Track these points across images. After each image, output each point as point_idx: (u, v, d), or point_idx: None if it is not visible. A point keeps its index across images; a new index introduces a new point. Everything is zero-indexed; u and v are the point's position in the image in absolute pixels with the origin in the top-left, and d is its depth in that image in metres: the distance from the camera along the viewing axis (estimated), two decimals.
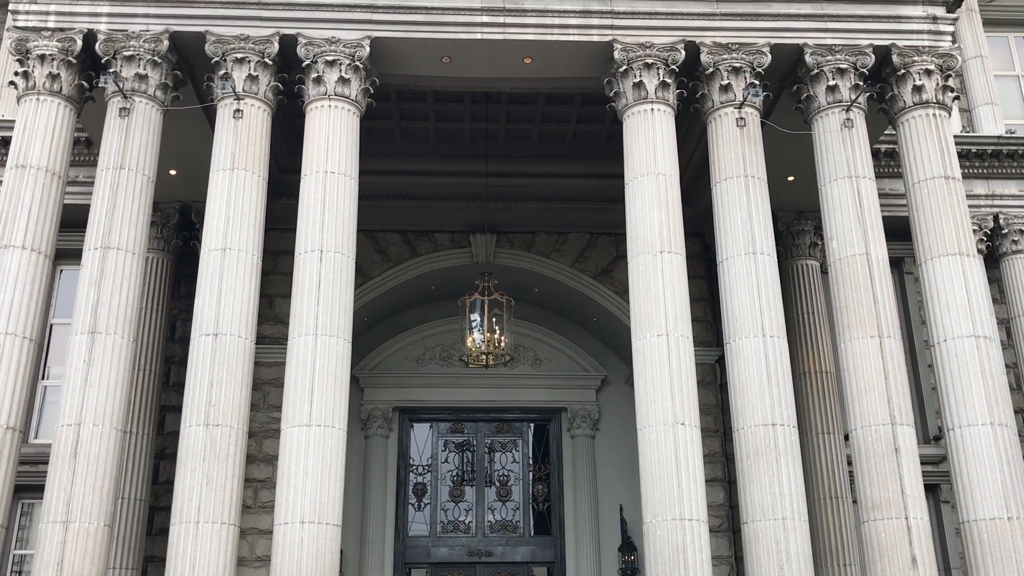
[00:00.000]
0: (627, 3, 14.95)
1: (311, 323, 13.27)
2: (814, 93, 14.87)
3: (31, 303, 13.32)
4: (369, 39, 14.62)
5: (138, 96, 14.12)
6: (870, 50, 14.82)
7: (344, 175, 14.13)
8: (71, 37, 14.19)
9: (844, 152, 14.45)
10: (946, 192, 14.27)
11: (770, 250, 14.06)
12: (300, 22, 14.62)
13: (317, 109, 14.43)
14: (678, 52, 14.75)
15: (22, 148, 13.86)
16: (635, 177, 14.42)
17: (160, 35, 14.31)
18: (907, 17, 14.99)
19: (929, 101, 14.65)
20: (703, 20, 14.93)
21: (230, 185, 13.79)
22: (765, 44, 14.81)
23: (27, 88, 14.17)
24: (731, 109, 14.63)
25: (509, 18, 14.89)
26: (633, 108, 14.75)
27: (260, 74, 14.36)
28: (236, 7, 14.55)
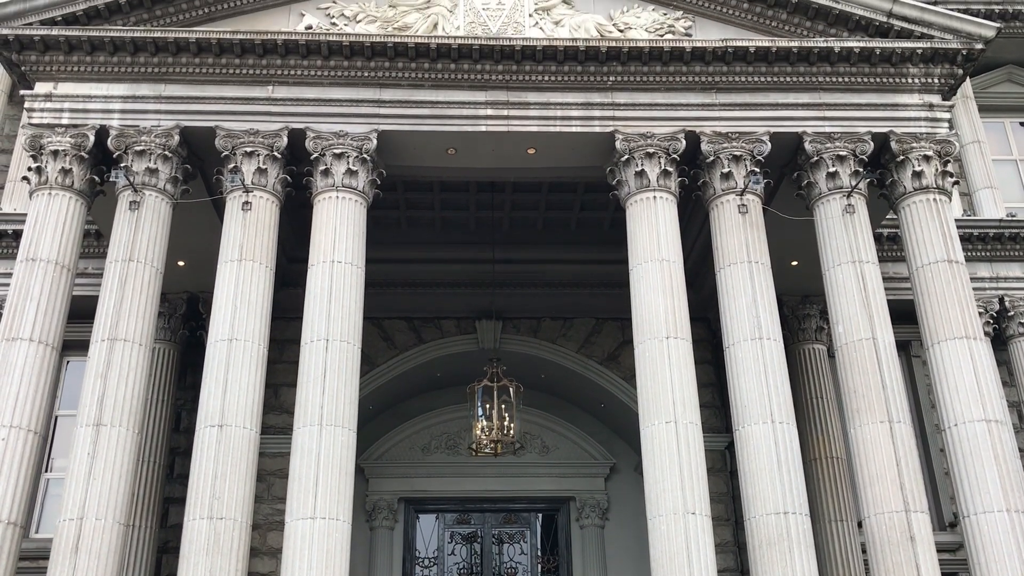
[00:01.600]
0: (627, 95, 15.27)
1: (316, 413, 13.21)
2: (815, 180, 15.06)
3: (37, 396, 13.30)
4: (376, 132, 14.92)
5: (148, 190, 14.35)
6: (869, 137, 15.06)
7: (351, 264, 14.25)
8: (84, 133, 14.50)
9: (847, 237, 14.55)
10: (950, 276, 14.31)
11: (776, 335, 14.04)
12: (309, 116, 14.94)
13: (325, 200, 14.64)
14: (679, 141, 15.00)
15: (33, 242, 14.03)
16: (639, 263, 14.51)
17: (171, 130, 14.62)
18: (904, 105, 15.27)
19: (929, 186, 14.81)
20: (702, 111, 15.23)
21: (238, 276, 13.90)
22: (764, 133, 15.06)
23: (39, 183, 14.41)
24: (733, 196, 14.80)
25: (512, 111, 15.20)
26: (636, 196, 14.93)
27: (269, 167, 14.62)
28: (246, 103, 14.90)
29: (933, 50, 15.14)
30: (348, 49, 14.88)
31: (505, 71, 15.16)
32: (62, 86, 14.78)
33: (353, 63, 15.00)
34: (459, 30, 15.50)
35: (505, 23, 15.63)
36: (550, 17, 15.78)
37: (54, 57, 14.75)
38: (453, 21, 15.60)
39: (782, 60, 15.17)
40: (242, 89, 14.95)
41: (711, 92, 15.31)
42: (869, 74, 15.28)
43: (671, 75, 15.27)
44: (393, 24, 15.49)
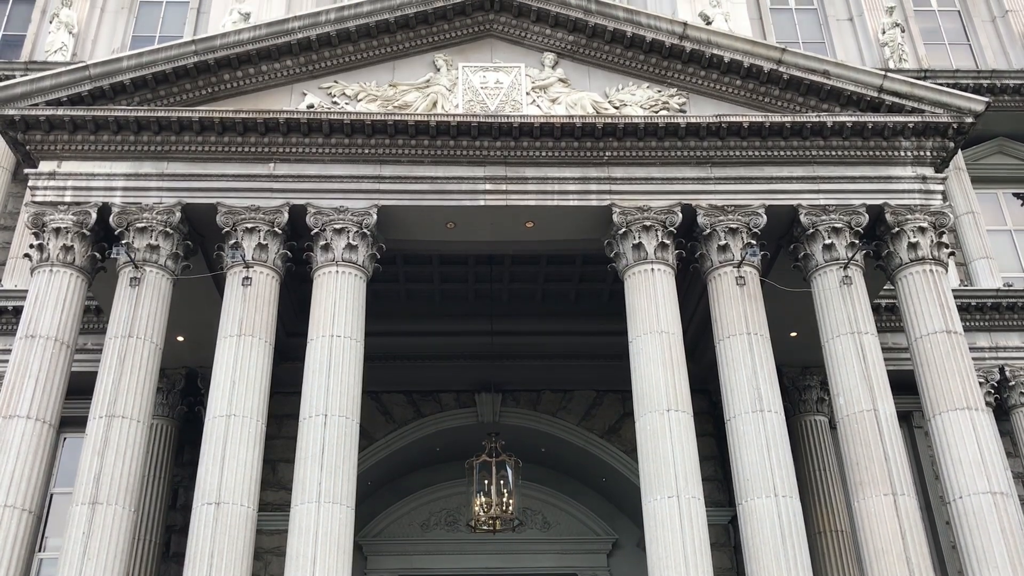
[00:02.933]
0: (624, 170, 15.47)
1: (314, 490, 13.07)
2: (811, 251, 15.17)
3: (33, 474, 13.18)
4: (376, 207, 15.07)
5: (149, 266, 14.43)
6: (863, 209, 15.21)
7: (350, 339, 14.25)
8: (86, 210, 14.64)
9: (845, 308, 14.59)
10: (949, 347, 14.31)
11: (777, 407, 13.98)
12: (309, 192, 15.10)
13: (325, 275, 14.71)
14: (675, 215, 15.14)
15: (33, 318, 14.06)
16: (639, 335, 14.52)
17: (173, 207, 14.76)
18: (897, 178, 15.46)
19: (925, 257, 14.91)
20: (698, 184, 15.41)
21: (237, 351, 13.89)
22: (760, 206, 15.21)
23: (41, 260, 14.50)
24: (730, 268, 14.89)
25: (511, 185, 15.38)
26: (634, 268, 15.01)
27: (269, 243, 14.72)
28: (248, 179, 15.08)
29: (924, 124, 15.39)
30: (349, 127, 15.12)
31: (503, 147, 15.38)
32: (66, 164, 14.97)
33: (354, 140, 15.23)
34: (458, 108, 15.77)
35: (503, 101, 15.91)
36: (547, 95, 16.07)
37: (59, 136, 14.97)
38: (452, 99, 15.89)
39: (776, 135, 15.41)
40: (244, 166, 15.14)
41: (706, 166, 15.51)
42: (862, 147, 15.50)
43: (666, 150, 15.49)
44: (393, 103, 15.77)
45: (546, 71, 16.28)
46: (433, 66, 16.22)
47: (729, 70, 15.87)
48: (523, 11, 16.34)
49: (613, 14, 16.14)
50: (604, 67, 16.40)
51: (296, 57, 15.76)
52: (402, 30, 16.14)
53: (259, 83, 15.77)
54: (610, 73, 16.38)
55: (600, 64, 16.40)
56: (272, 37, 15.50)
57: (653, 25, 16.01)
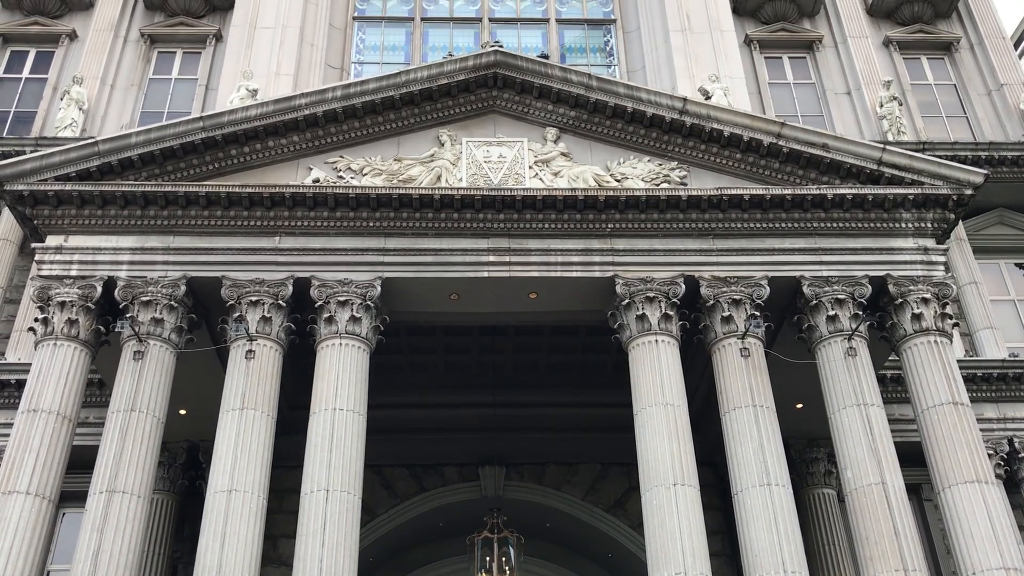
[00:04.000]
0: (626, 241, 15.56)
1: (315, 567, 12.86)
2: (815, 323, 15.16)
3: (30, 552, 12.98)
4: (380, 280, 15.13)
5: (153, 339, 14.44)
6: (866, 280, 15.24)
7: (353, 412, 14.18)
8: (92, 284, 14.71)
9: (850, 380, 14.52)
10: (956, 418, 14.20)
11: (784, 481, 13.82)
12: (314, 265, 15.19)
13: (328, 347, 14.70)
14: (678, 286, 15.18)
15: (35, 393, 14.02)
16: (643, 408, 14.43)
17: (178, 280, 14.83)
18: (899, 249, 15.53)
19: (929, 328, 14.89)
20: (700, 256, 15.48)
21: (239, 425, 13.82)
22: (763, 277, 15.26)
23: (45, 333, 14.51)
24: (734, 340, 14.87)
25: (514, 257, 15.47)
26: (637, 340, 15.00)
27: (273, 316, 14.75)
28: (253, 253, 15.18)
29: (924, 196, 15.52)
30: (354, 200, 15.27)
31: (507, 219, 15.51)
32: (72, 239, 15.09)
33: (359, 214, 15.37)
34: (462, 181, 15.94)
35: (506, 175, 16.10)
36: (549, 168, 16.26)
37: (66, 211, 15.13)
38: (456, 173, 16.07)
39: (776, 207, 15.54)
40: (249, 240, 15.26)
41: (708, 238, 15.60)
42: (863, 219, 15.61)
43: (668, 222, 15.61)
44: (398, 177, 15.95)
45: (548, 145, 16.50)
46: (437, 141, 16.46)
47: (729, 144, 16.08)
48: (526, 88, 16.63)
49: (614, 90, 16.43)
50: (606, 141, 16.63)
51: (303, 133, 16.00)
52: (407, 106, 16.42)
53: (265, 158, 15.99)
54: (612, 147, 16.60)
55: (602, 138, 16.63)
56: (279, 114, 15.76)
57: (653, 101, 16.28)
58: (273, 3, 22.85)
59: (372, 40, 24.63)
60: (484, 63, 16.52)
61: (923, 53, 24.23)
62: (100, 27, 23.03)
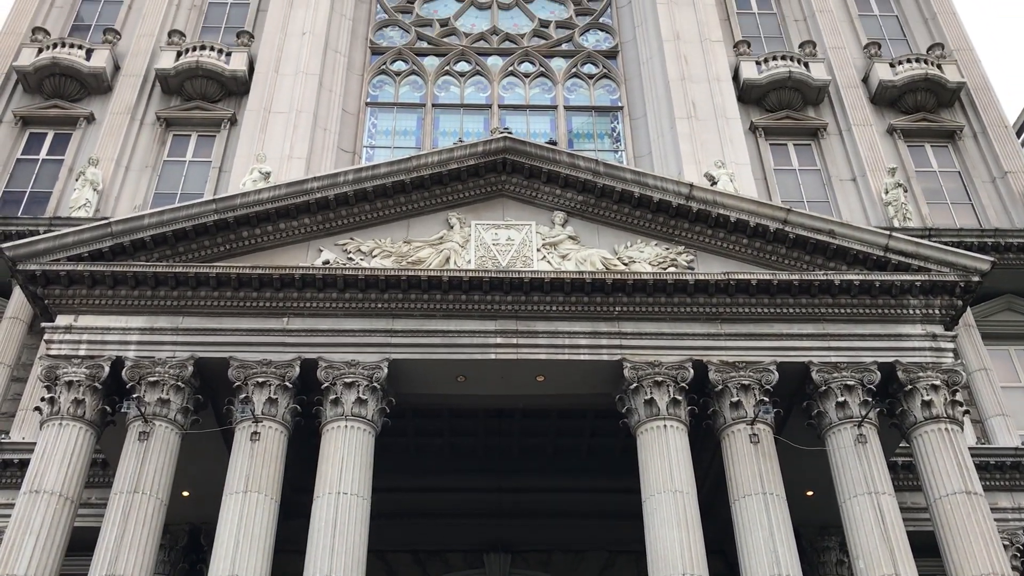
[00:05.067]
0: (634, 325, 15.57)
1: None
2: (824, 409, 15.04)
3: None
4: (387, 361, 15.12)
5: (158, 420, 14.38)
6: (875, 367, 15.17)
7: (357, 496, 14.02)
8: (100, 364, 14.72)
9: (860, 468, 14.34)
10: (970, 508, 13.96)
11: (795, 570, 13.54)
12: (321, 347, 15.20)
13: (333, 430, 14.61)
14: (686, 370, 15.12)
15: (38, 473, 13.91)
16: (652, 495, 14.24)
17: (185, 361, 14.84)
18: (907, 335, 15.49)
19: (940, 416, 14.75)
20: (709, 340, 15.46)
21: (242, 508, 13.65)
22: (771, 362, 15.20)
23: (51, 413, 14.47)
24: (743, 426, 14.75)
25: (522, 339, 15.47)
26: (646, 425, 14.89)
27: (279, 397, 14.71)
28: (261, 334, 15.22)
29: (931, 283, 15.55)
30: (363, 282, 15.37)
31: (514, 302, 15.56)
32: (82, 319, 15.17)
33: (367, 295, 15.45)
34: (470, 264, 16.05)
35: (514, 257, 16.21)
36: (557, 252, 16.38)
37: (77, 291, 15.24)
38: (464, 255, 16.20)
39: (784, 292, 15.57)
40: (258, 321, 15.32)
41: (716, 322, 15.61)
42: (871, 305, 15.61)
43: (676, 306, 15.64)
44: (407, 259, 16.07)
45: (556, 229, 16.66)
46: (447, 223, 16.63)
47: (736, 229, 16.20)
48: (534, 173, 16.88)
49: (621, 176, 16.65)
50: (613, 225, 16.79)
51: (314, 215, 16.19)
52: (417, 190, 16.64)
53: (276, 240, 16.15)
54: (619, 231, 16.75)
55: (609, 222, 16.79)
56: (291, 196, 15.98)
57: (660, 186, 16.48)
58: (288, 89, 23.37)
59: (384, 125, 25.10)
60: (494, 148, 16.80)
61: (927, 141, 24.55)
62: (117, 110, 23.53)
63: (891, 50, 26.21)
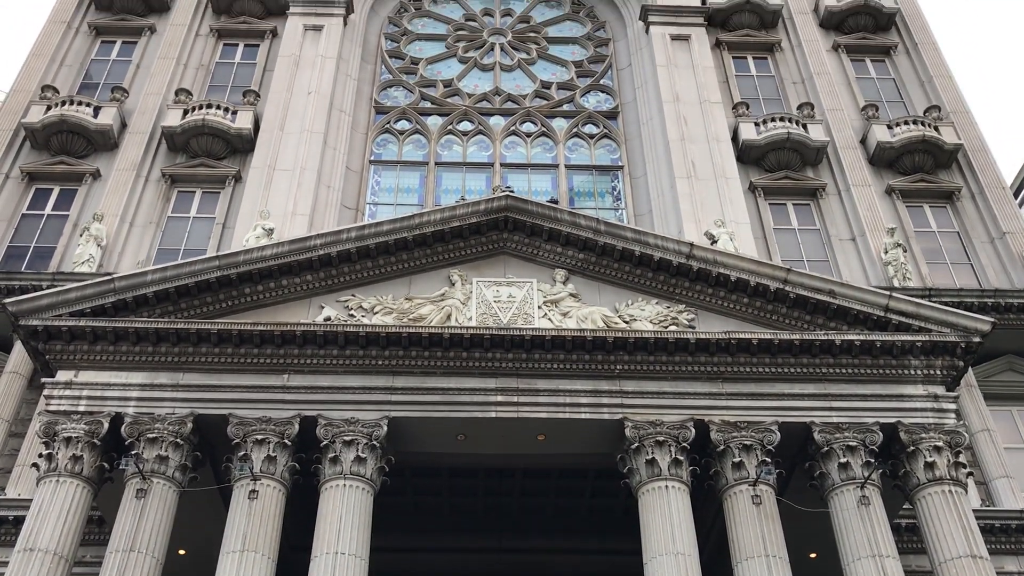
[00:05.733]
0: (635, 383, 15.55)
1: None
2: (827, 470, 14.95)
3: None
4: (387, 419, 15.07)
5: (157, 477, 14.29)
6: (877, 427, 15.11)
7: (354, 556, 13.86)
8: (99, 420, 14.66)
9: (864, 530, 14.20)
10: (975, 572, 13.80)
11: None
12: (321, 404, 15.16)
13: (332, 488, 14.50)
14: (688, 430, 15.06)
15: (33, 531, 13.77)
16: (653, 557, 14.08)
17: (185, 418, 14.79)
18: (909, 396, 15.46)
19: (943, 478, 14.65)
20: (710, 399, 15.43)
21: (239, 568, 13.50)
22: (773, 422, 15.15)
23: (49, 469, 14.37)
24: (745, 487, 14.64)
25: (523, 397, 15.44)
26: (647, 485, 14.78)
27: (278, 455, 14.63)
28: (261, 390, 15.19)
29: (932, 343, 15.56)
30: (364, 339, 15.38)
31: (515, 359, 15.56)
32: (83, 374, 15.15)
33: (368, 352, 15.45)
34: (471, 320, 16.09)
35: (515, 314, 16.25)
36: (558, 309, 16.42)
37: (79, 346, 15.25)
38: (466, 312, 16.24)
39: (785, 352, 15.58)
40: (258, 377, 15.30)
41: (718, 382, 15.59)
42: (872, 365, 15.61)
43: (677, 364, 15.64)
44: (408, 315, 16.11)
45: (557, 286, 16.72)
46: (448, 280, 16.71)
47: (736, 288, 16.27)
48: (535, 231, 17.00)
49: (622, 234, 16.77)
50: (614, 283, 16.86)
51: (316, 272, 16.27)
52: (420, 247, 16.76)
53: (278, 296, 16.21)
54: (620, 289, 16.82)
55: (610, 280, 16.87)
56: (294, 253, 16.08)
57: (660, 245, 16.59)
58: (293, 147, 23.65)
59: (387, 182, 25.34)
60: (495, 207, 16.95)
61: (925, 201, 24.74)
62: (123, 167, 23.77)
63: (888, 112, 26.54)
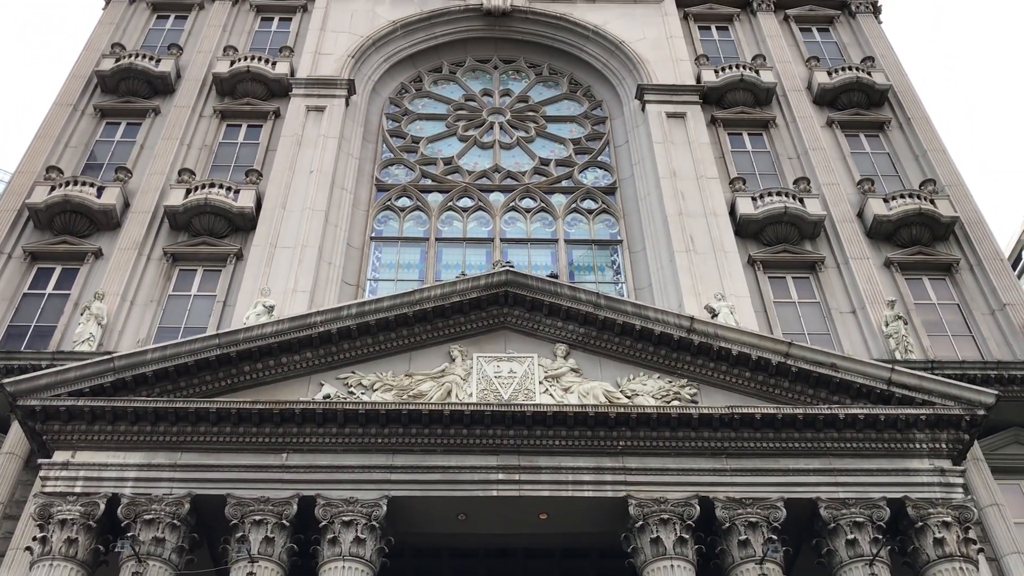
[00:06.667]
0: (638, 460, 15.38)
1: None
2: (834, 547, 14.69)
3: None
4: (386, 498, 14.87)
5: (153, 560, 14.05)
6: (884, 503, 14.89)
7: None
8: (95, 501, 14.47)
9: None
10: None
11: None
12: (320, 484, 14.98)
13: (330, 570, 14.26)
14: (693, 507, 14.85)
15: None
16: None
17: (182, 498, 14.59)
18: (915, 470, 15.29)
19: (953, 554, 14.40)
20: (714, 476, 15.25)
21: None
22: (779, 499, 14.94)
23: (42, 553, 14.14)
24: (752, 565, 14.38)
25: (524, 475, 15.26)
26: (652, 565, 14.53)
27: (276, 536, 14.40)
28: (259, 470, 15.03)
29: (936, 416, 15.44)
30: (363, 416, 15.27)
31: (517, 436, 15.43)
32: (80, 454, 15.01)
33: (368, 430, 15.33)
34: (472, 397, 15.99)
35: (516, 390, 16.16)
36: (559, 384, 16.34)
37: (76, 426, 15.14)
38: (466, 388, 16.15)
39: (789, 426, 15.45)
40: (256, 457, 15.16)
41: (721, 457, 15.42)
42: (876, 439, 15.46)
43: (680, 440, 15.50)
44: (409, 392, 16.02)
45: (558, 361, 16.67)
46: (449, 356, 16.66)
47: (738, 362, 16.22)
48: (535, 305, 17.02)
49: (622, 308, 16.79)
50: (615, 358, 16.82)
51: (316, 349, 16.24)
52: (420, 323, 16.76)
53: (278, 374, 16.15)
54: (621, 364, 16.77)
55: (611, 355, 16.83)
56: (294, 331, 16.08)
57: (661, 319, 16.58)
58: (294, 224, 23.80)
59: (388, 258, 25.43)
60: (496, 282, 17.01)
61: (924, 274, 24.75)
62: (125, 245, 23.86)
63: (884, 186, 26.74)
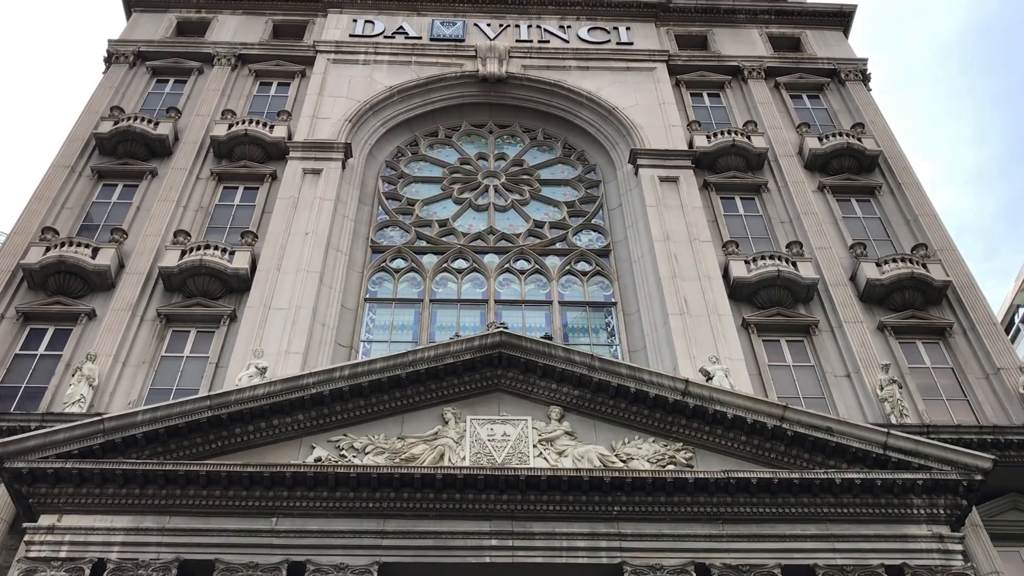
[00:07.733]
0: (633, 526, 15.19)
1: None
2: None
3: None
4: (377, 564, 14.64)
5: None
6: (883, 570, 14.70)
7: None
8: (80, 567, 14.21)
9: None
10: None
11: None
12: (309, 549, 14.75)
13: None
14: (689, 574, 14.63)
15: None
16: None
17: (170, 563, 14.34)
18: (913, 536, 15.11)
19: None
20: (710, 542, 15.05)
21: None
22: (775, 565, 14.73)
23: None
24: None
25: (518, 541, 15.05)
26: None
27: None
28: (248, 535, 14.79)
29: (934, 481, 15.32)
30: (355, 480, 15.10)
31: (510, 501, 15.24)
32: (66, 518, 14.78)
33: (359, 494, 15.14)
34: (465, 460, 15.84)
35: (510, 453, 16.01)
36: (553, 448, 16.19)
37: (63, 489, 14.93)
38: (459, 452, 15.99)
39: (785, 491, 15.29)
40: (246, 521, 14.94)
41: (718, 523, 15.23)
42: (873, 504, 15.31)
43: (676, 505, 15.32)
44: (401, 455, 15.87)
45: (553, 424, 16.55)
46: (442, 419, 16.55)
47: (734, 426, 16.12)
48: (530, 368, 16.96)
49: (616, 371, 16.73)
50: (609, 421, 16.72)
51: (308, 411, 16.12)
52: (413, 385, 16.67)
53: (269, 436, 16.01)
54: (616, 427, 16.66)
55: (606, 418, 16.73)
56: (286, 393, 15.98)
57: (656, 382, 16.52)
58: (289, 286, 23.79)
59: (382, 320, 25.38)
60: (490, 343, 16.97)
61: (918, 338, 24.75)
62: (119, 307, 23.80)
63: (876, 250, 26.90)
